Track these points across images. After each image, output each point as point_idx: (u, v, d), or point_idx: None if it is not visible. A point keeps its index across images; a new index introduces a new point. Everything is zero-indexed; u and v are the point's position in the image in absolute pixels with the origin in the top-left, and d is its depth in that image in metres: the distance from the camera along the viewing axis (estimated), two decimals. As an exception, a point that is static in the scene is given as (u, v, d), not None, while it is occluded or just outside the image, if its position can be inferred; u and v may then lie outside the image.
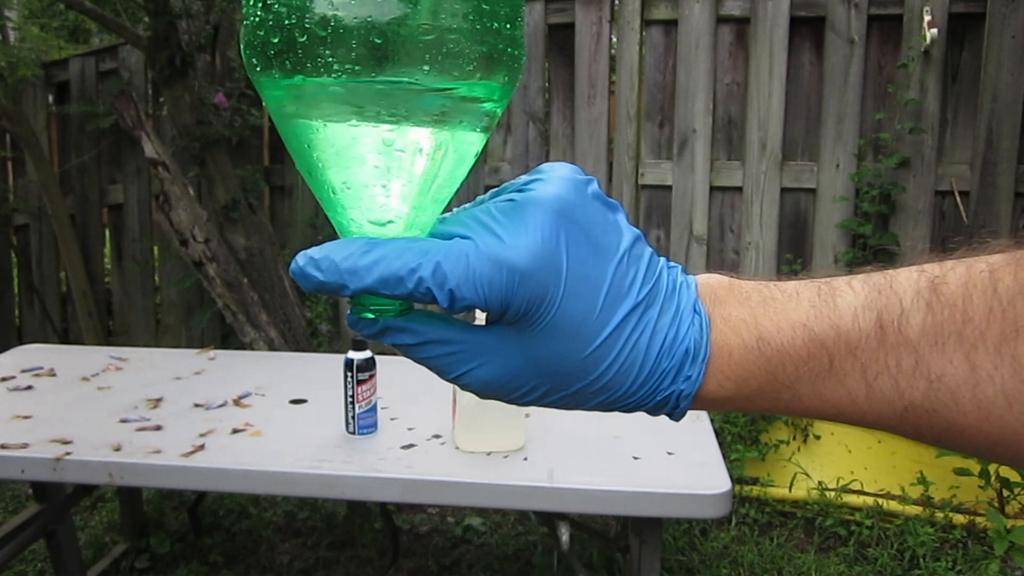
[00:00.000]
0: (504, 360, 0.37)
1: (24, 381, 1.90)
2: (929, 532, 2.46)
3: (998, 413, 0.34)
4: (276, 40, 0.34)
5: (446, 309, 0.36)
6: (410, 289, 0.35)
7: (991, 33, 2.77)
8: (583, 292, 0.36)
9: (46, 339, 3.61)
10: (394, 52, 0.33)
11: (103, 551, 2.49)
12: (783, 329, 0.37)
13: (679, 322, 0.38)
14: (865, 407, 0.37)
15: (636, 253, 0.38)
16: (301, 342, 3.05)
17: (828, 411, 0.38)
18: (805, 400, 0.38)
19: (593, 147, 3.14)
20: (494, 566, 2.43)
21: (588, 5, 3.09)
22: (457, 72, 0.34)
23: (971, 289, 0.35)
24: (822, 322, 0.37)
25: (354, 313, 0.38)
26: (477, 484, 1.42)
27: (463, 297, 0.35)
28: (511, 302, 0.35)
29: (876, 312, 0.36)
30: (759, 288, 0.39)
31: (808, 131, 3.01)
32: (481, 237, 0.36)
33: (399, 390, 1.82)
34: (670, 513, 1.49)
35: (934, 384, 0.35)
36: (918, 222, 2.90)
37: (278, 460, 1.48)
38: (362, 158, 0.36)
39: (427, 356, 0.38)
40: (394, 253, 0.35)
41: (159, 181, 3.00)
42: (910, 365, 0.35)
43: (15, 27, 4.03)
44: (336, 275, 0.35)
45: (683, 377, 0.38)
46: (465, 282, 0.35)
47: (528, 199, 0.36)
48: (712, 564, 2.41)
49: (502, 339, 0.37)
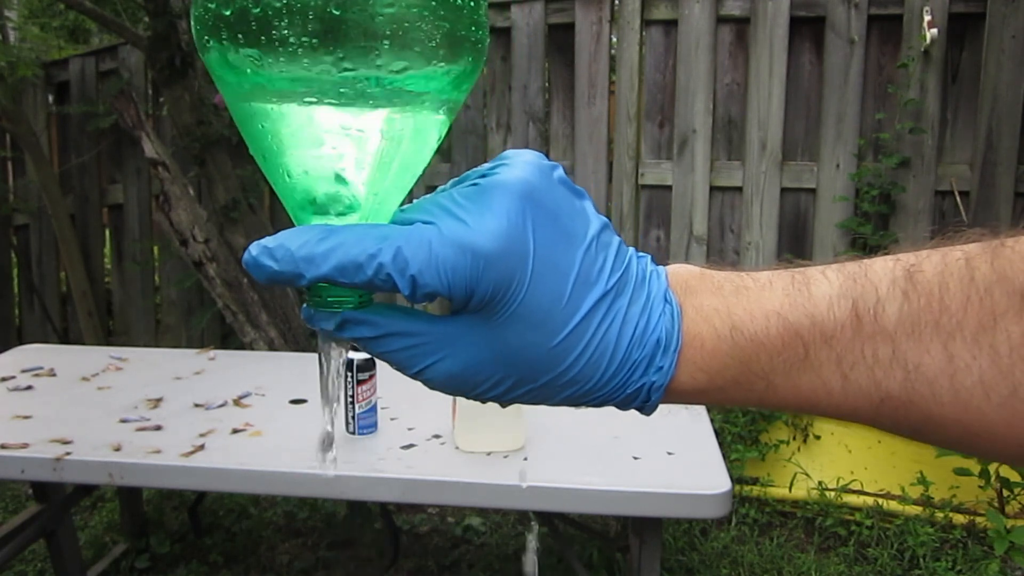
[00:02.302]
0: (469, 352, 0.36)
1: (24, 381, 1.90)
2: (929, 532, 2.46)
3: (976, 404, 0.34)
4: (228, 13, 0.32)
5: (408, 297, 0.34)
6: (369, 276, 0.33)
7: (991, 33, 2.77)
8: (550, 278, 0.35)
9: (46, 339, 3.61)
10: (352, 26, 0.31)
11: (103, 551, 2.49)
12: (756, 318, 0.36)
13: (650, 311, 0.36)
14: (840, 399, 0.36)
15: (604, 240, 0.37)
16: (301, 342, 3.05)
17: (803, 403, 0.37)
18: (780, 391, 0.37)
19: (593, 147, 3.14)
20: (494, 566, 2.43)
21: (588, 5, 3.08)
22: (418, 49, 0.33)
23: (947, 278, 0.34)
24: (796, 311, 0.36)
25: (311, 306, 0.36)
26: (477, 484, 1.42)
27: (426, 284, 0.33)
28: (476, 288, 0.34)
29: (851, 301, 0.35)
30: (731, 278, 0.38)
31: (808, 131, 3.01)
32: (444, 222, 0.34)
33: (399, 390, 1.81)
34: (670, 513, 1.49)
35: (911, 375, 0.34)
36: (918, 222, 2.90)
37: (278, 460, 1.48)
38: (318, 140, 0.34)
39: (388, 350, 0.36)
40: (352, 239, 0.33)
41: (159, 181, 3.00)
42: (887, 355, 0.34)
43: (15, 27, 4.03)
44: (291, 264, 0.33)
45: (654, 368, 0.37)
46: (428, 268, 0.33)
47: (492, 183, 0.35)
48: (712, 564, 2.41)
49: (466, 329, 0.35)
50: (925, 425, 0.35)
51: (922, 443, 0.38)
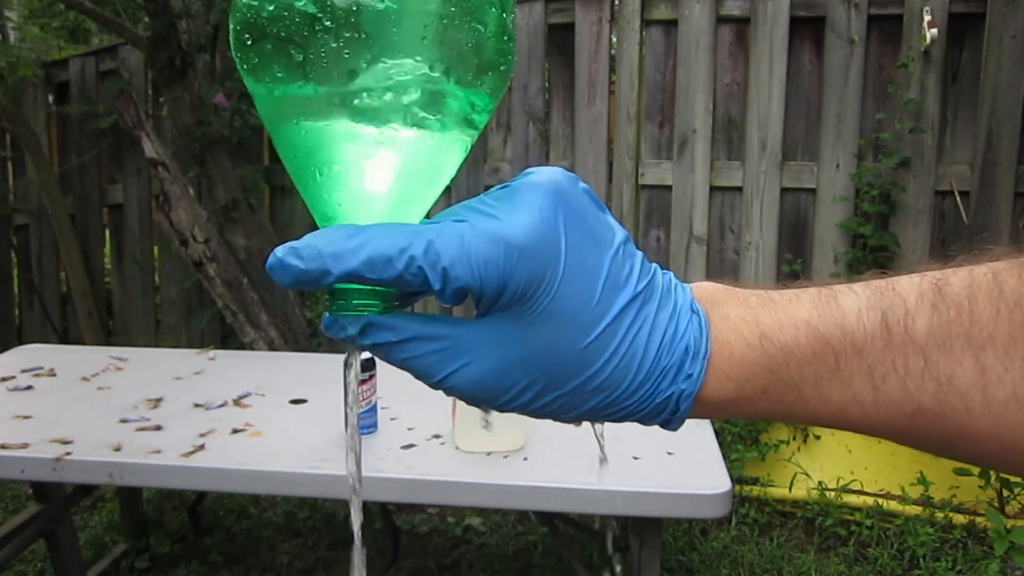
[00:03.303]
0: (496, 354, 0.35)
1: (24, 381, 1.90)
2: (929, 532, 2.46)
3: (1010, 417, 0.33)
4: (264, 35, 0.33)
5: (438, 294, 0.33)
6: (400, 270, 0.32)
7: (991, 33, 2.77)
8: (582, 278, 0.34)
9: (46, 339, 3.61)
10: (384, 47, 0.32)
11: (103, 551, 2.49)
12: (786, 327, 0.36)
13: (677, 319, 0.36)
14: (872, 411, 0.35)
15: (629, 250, 0.37)
16: (301, 342, 3.05)
17: (834, 415, 0.36)
18: (810, 403, 0.36)
19: (593, 147, 3.14)
20: (494, 566, 2.43)
21: (588, 5, 3.08)
22: (448, 74, 0.34)
23: (976, 291, 0.34)
24: (826, 321, 0.35)
25: (334, 312, 0.35)
26: (477, 484, 1.42)
27: (457, 276, 0.32)
28: (509, 281, 0.33)
29: (880, 312, 0.35)
30: (757, 292, 0.38)
31: (808, 131, 3.01)
32: (475, 218, 0.34)
33: (399, 390, 1.81)
34: (670, 513, 1.49)
35: (943, 387, 0.34)
36: (918, 222, 2.90)
37: (278, 460, 1.48)
38: (349, 158, 0.35)
39: (411, 356, 0.35)
40: (382, 235, 0.33)
41: (159, 181, 3.00)
42: (918, 367, 0.34)
43: (15, 27, 4.03)
44: (318, 261, 0.33)
45: (683, 376, 0.36)
46: (460, 260, 0.32)
47: (522, 184, 0.35)
48: (712, 564, 2.41)
49: (494, 331, 0.35)
50: (959, 439, 0.35)
51: (956, 460, 0.37)
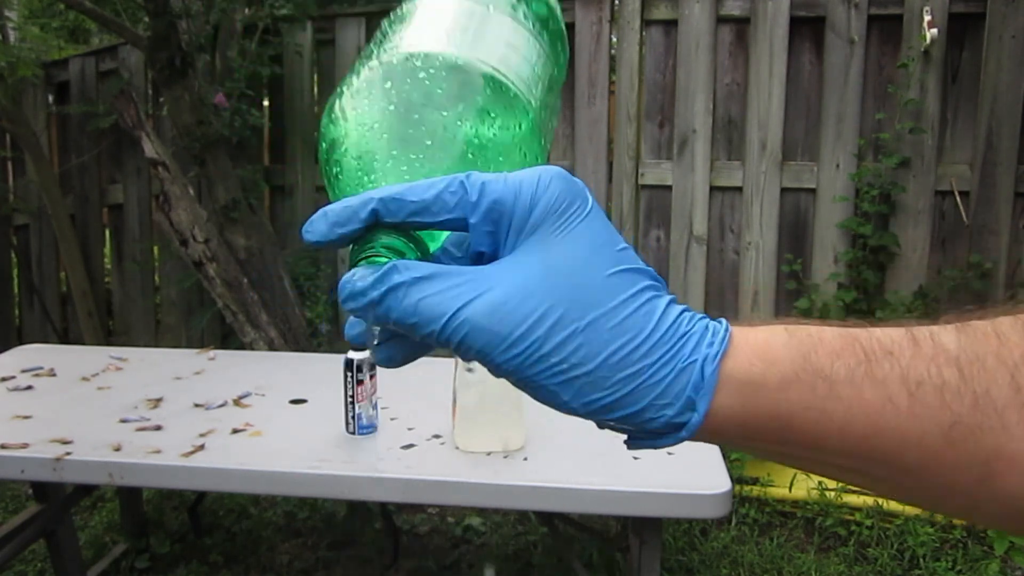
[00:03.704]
0: (516, 280, 0.34)
1: (24, 381, 1.90)
2: (929, 532, 2.46)
3: None
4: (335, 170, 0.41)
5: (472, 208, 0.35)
6: (440, 189, 0.35)
7: (991, 33, 2.77)
8: (608, 227, 0.36)
9: (46, 339, 3.61)
10: None
11: (103, 551, 2.49)
12: (810, 326, 0.35)
13: (691, 313, 0.36)
14: (908, 417, 0.33)
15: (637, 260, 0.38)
16: (301, 342, 3.05)
17: (870, 416, 0.33)
18: (844, 399, 0.33)
19: (593, 147, 3.14)
20: (494, 566, 2.43)
21: (588, 5, 3.08)
22: None
23: (998, 325, 0.33)
24: (850, 327, 0.35)
25: (357, 256, 0.36)
26: (477, 484, 1.42)
27: (493, 189, 0.35)
28: (543, 195, 0.35)
29: (904, 330, 0.34)
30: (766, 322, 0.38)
31: (808, 131, 3.01)
32: None
33: (399, 390, 1.82)
34: (670, 513, 1.49)
35: (980, 400, 0.32)
36: (918, 222, 2.90)
37: (278, 460, 1.48)
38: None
39: (427, 294, 0.33)
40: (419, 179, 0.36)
41: (159, 181, 3.00)
42: (954, 377, 0.32)
43: (15, 27, 4.02)
44: (360, 197, 0.35)
45: (707, 342, 0.34)
46: (497, 179, 0.35)
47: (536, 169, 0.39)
48: (712, 564, 2.41)
49: (516, 258, 0.35)
50: (997, 463, 0.33)
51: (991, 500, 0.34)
